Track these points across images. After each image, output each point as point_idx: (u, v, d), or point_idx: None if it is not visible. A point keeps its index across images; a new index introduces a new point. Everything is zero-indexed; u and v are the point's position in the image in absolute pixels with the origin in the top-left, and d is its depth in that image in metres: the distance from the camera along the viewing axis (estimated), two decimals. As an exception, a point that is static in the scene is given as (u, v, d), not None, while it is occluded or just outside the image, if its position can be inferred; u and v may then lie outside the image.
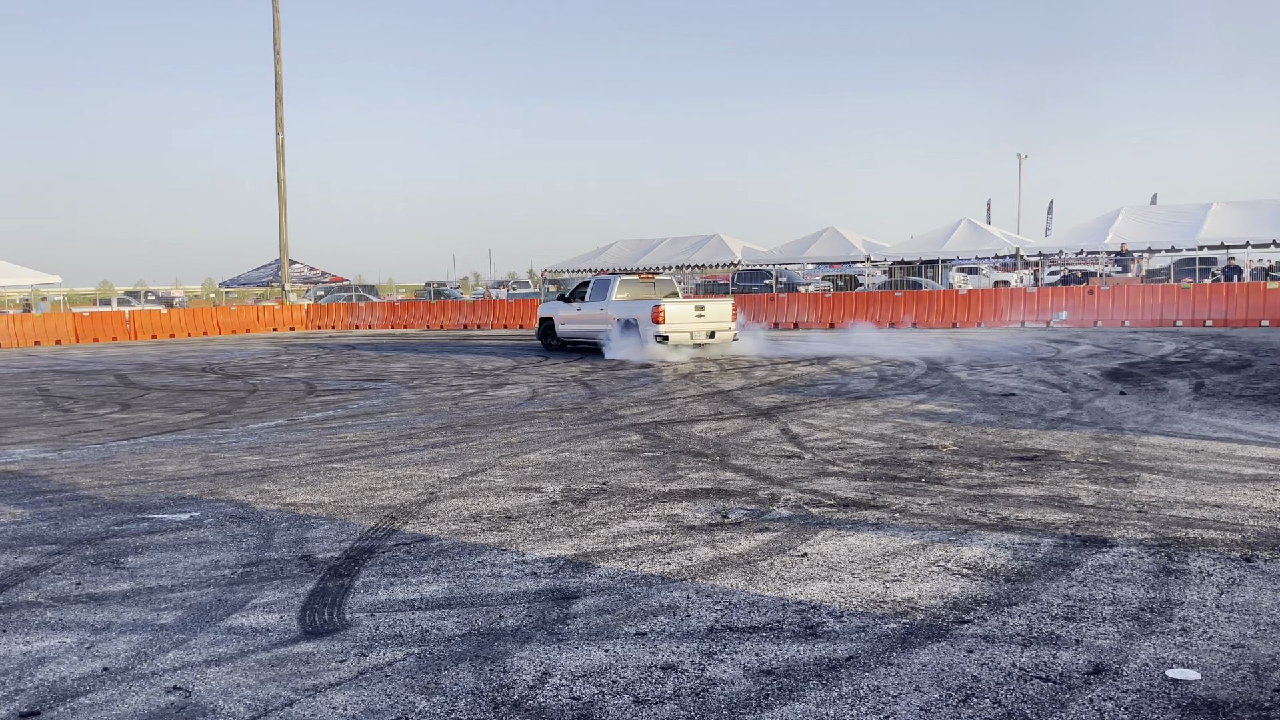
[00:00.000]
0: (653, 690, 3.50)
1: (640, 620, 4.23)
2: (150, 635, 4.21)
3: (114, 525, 6.26)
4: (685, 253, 44.62)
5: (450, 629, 4.19)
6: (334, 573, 5.06)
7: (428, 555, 5.36)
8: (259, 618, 4.40)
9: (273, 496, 7.04)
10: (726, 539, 5.56)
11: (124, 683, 3.70)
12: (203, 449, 9.40)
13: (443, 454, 8.74)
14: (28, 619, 4.46)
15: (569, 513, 6.30)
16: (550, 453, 8.64)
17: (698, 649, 3.89)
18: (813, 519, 6.00)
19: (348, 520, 6.23)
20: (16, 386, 16.96)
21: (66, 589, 4.91)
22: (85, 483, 7.79)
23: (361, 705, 3.44)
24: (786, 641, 3.94)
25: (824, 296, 31.36)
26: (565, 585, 4.76)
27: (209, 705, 3.47)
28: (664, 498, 6.68)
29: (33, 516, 6.60)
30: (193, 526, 6.18)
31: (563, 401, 12.64)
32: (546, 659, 3.82)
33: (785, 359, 18.19)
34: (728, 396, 12.56)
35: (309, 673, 3.75)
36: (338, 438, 9.93)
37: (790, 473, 7.45)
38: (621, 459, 8.23)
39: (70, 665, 3.89)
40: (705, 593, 4.60)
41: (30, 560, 5.46)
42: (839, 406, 11.30)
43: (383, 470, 7.99)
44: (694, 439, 9.20)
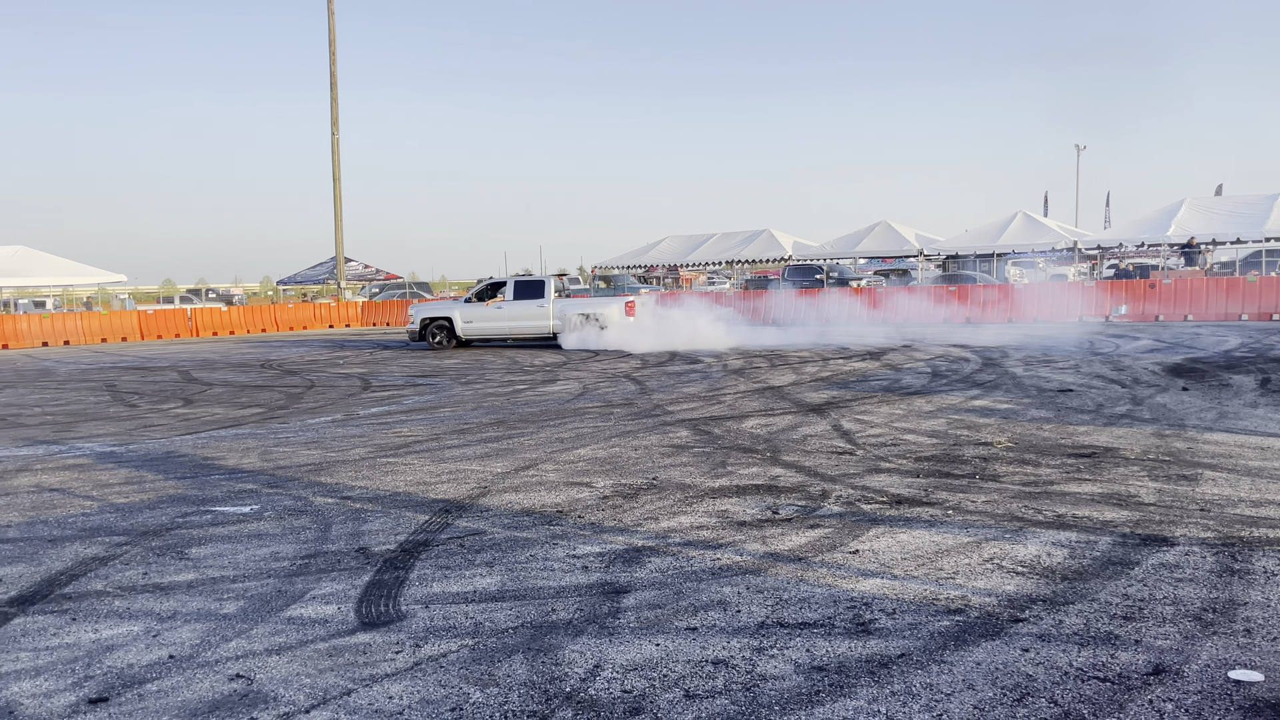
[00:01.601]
0: (703, 685, 3.52)
1: (691, 615, 4.25)
2: (213, 624, 4.33)
3: (178, 517, 6.44)
4: (735, 248, 44.48)
5: (503, 621, 4.25)
6: (390, 565, 5.15)
7: (481, 549, 5.43)
8: (317, 608, 4.50)
9: (330, 490, 7.18)
10: (777, 535, 5.55)
11: (189, 670, 3.81)
12: (262, 443, 9.61)
13: (495, 449, 8.83)
14: (97, 608, 4.61)
15: (619, 507, 6.33)
16: (600, 448, 8.68)
17: (748, 644, 3.89)
18: (864, 515, 5.96)
19: (402, 514, 6.33)
20: (85, 382, 17.48)
21: (134, 579, 5.06)
22: (151, 476, 8.01)
23: (417, 695, 3.50)
24: (838, 638, 3.93)
25: (876, 291, 31.07)
26: (616, 579, 4.79)
27: (270, 693, 3.56)
28: (714, 493, 6.69)
29: (101, 509, 6.80)
30: (253, 519, 6.32)
31: (613, 397, 12.69)
32: (598, 652, 3.85)
33: (837, 354, 18.06)
34: (778, 392, 12.51)
35: (366, 663, 3.83)
36: (392, 433, 10.09)
37: (842, 469, 7.41)
38: (671, 454, 8.24)
39: (138, 653, 4.02)
40: (756, 589, 4.60)
41: (99, 551, 5.64)
42: (891, 402, 11.20)
43: (436, 465, 8.10)
44: (744, 435, 9.19)
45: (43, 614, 4.54)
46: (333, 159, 41.15)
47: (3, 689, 3.67)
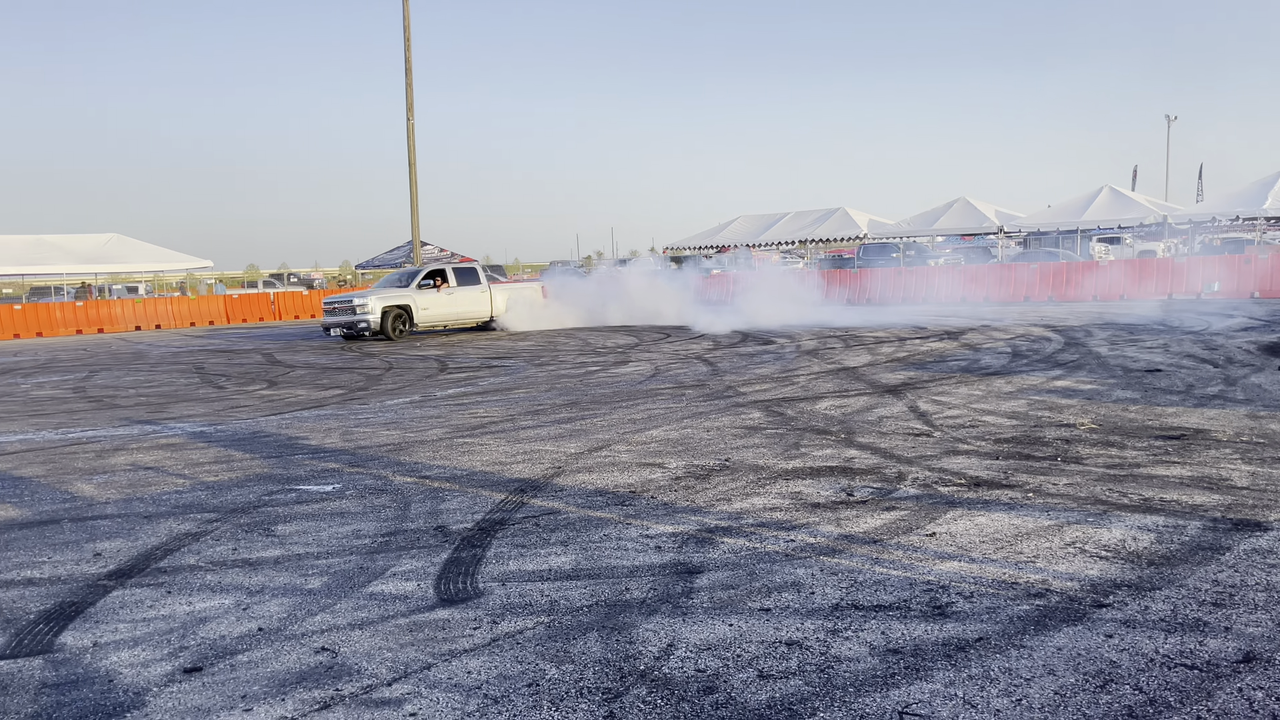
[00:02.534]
0: (777, 665, 3.51)
1: (764, 596, 4.25)
2: (299, 599, 4.47)
3: (265, 495, 6.65)
4: (808, 227, 43.95)
5: (578, 600, 4.30)
6: (467, 543, 5.25)
7: (555, 528, 5.50)
8: (398, 585, 4.61)
9: (409, 469, 7.34)
10: (852, 517, 5.50)
11: (277, 642, 3.95)
12: (343, 424, 9.86)
13: (568, 429, 8.92)
14: (190, 581, 4.80)
15: (692, 488, 6.35)
16: (673, 429, 8.70)
17: (822, 626, 3.88)
18: (941, 498, 5.87)
19: (479, 493, 6.44)
20: (176, 365, 18.13)
21: (224, 554, 5.25)
22: (238, 455, 8.29)
23: (494, 671, 3.57)
24: (914, 621, 3.89)
25: (954, 269, 30.43)
26: (689, 560, 4.81)
27: (354, 666, 3.67)
28: (787, 475, 6.65)
29: (192, 486, 7.07)
30: (336, 497, 6.50)
31: (684, 378, 12.69)
32: (671, 631, 3.88)
33: (913, 334, 17.77)
34: (853, 373, 12.36)
35: (445, 638, 3.91)
36: (468, 413, 10.25)
37: (918, 451, 7.30)
38: (744, 435, 8.22)
39: (228, 625, 4.17)
40: (830, 570, 4.57)
41: (191, 527, 5.86)
42: (970, 383, 10.98)
43: (511, 445, 8.21)
44: (818, 416, 9.11)
45: (139, 587, 4.74)
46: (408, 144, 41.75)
47: (103, 658, 3.85)
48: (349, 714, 3.27)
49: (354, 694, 3.43)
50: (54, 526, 6.00)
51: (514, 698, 3.34)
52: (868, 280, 30.80)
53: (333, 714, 3.27)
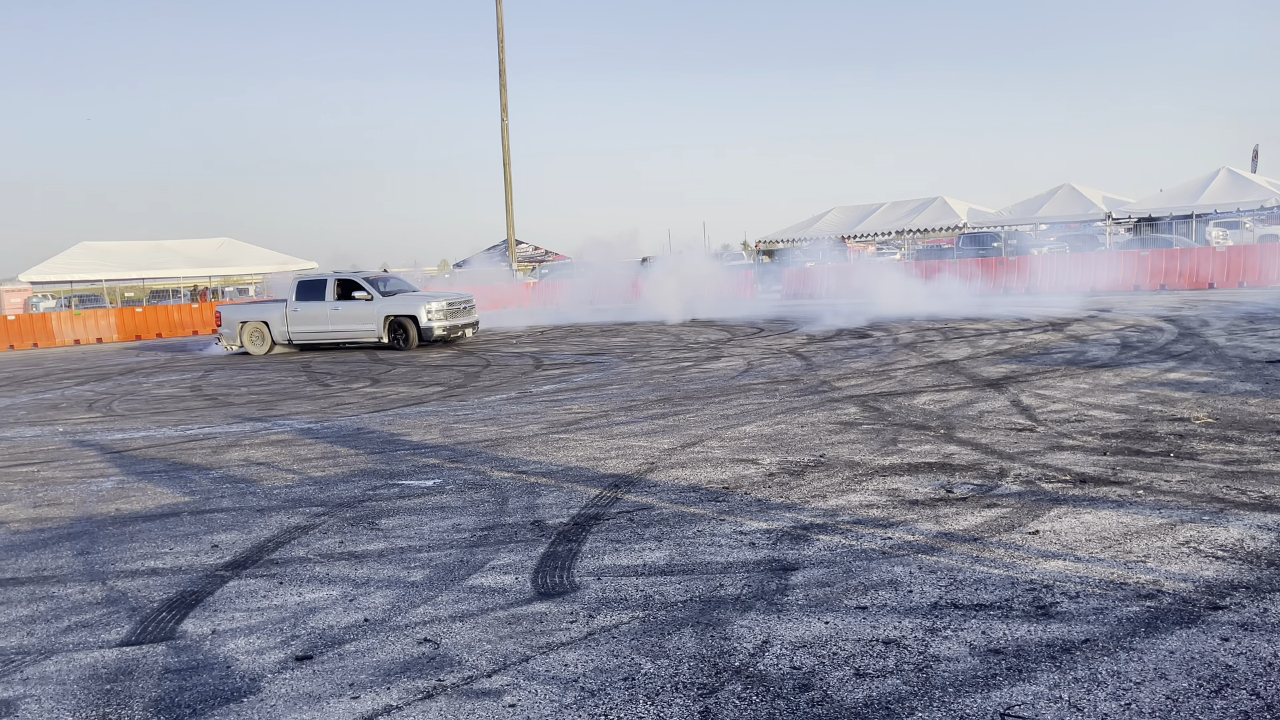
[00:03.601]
0: (874, 664, 3.48)
1: (860, 594, 4.20)
2: (402, 591, 4.61)
3: (369, 490, 6.87)
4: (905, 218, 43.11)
5: (672, 595, 4.33)
6: (563, 538, 5.33)
7: (649, 523, 5.54)
8: (496, 578, 4.71)
9: (506, 465, 7.48)
10: (951, 514, 5.39)
11: (382, 633, 4.08)
12: (443, 420, 10.10)
13: (661, 425, 8.95)
14: (300, 573, 4.99)
15: (786, 485, 6.31)
16: (766, 425, 8.65)
17: (921, 625, 3.82)
18: (1045, 495, 5.71)
19: (574, 488, 6.52)
20: (284, 364, 18.83)
21: (331, 547, 5.44)
22: (344, 451, 8.57)
23: (591, 664, 3.62)
24: (1016, 621, 3.80)
25: (1058, 258, 29.45)
26: (784, 556, 4.79)
27: (455, 657, 3.77)
28: (884, 471, 6.56)
29: (301, 481, 7.34)
30: (436, 492, 6.67)
31: (778, 374, 12.60)
32: (766, 628, 3.87)
33: (1016, 326, 17.26)
34: (953, 367, 12.09)
35: (542, 631, 3.99)
36: (563, 409, 10.39)
37: (1021, 446, 7.10)
38: (839, 431, 8.13)
39: (336, 615, 4.33)
40: (928, 568, 4.49)
41: (300, 520, 6.09)
42: (1076, 376, 10.62)
43: (605, 441, 8.29)
44: (916, 411, 8.94)
45: (253, 578, 4.95)
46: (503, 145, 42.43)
47: (221, 646, 4.04)
48: (451, 704, 3.36)
49: (455, 684, 3.52)
50: (174, 519, 6.31)
51: (610, 691, 3.39)
52: (969, 270, 30.03)
53: (435, 703, 3.37)
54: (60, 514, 6.65)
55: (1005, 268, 29.45)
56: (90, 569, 5.27)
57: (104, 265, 37.19)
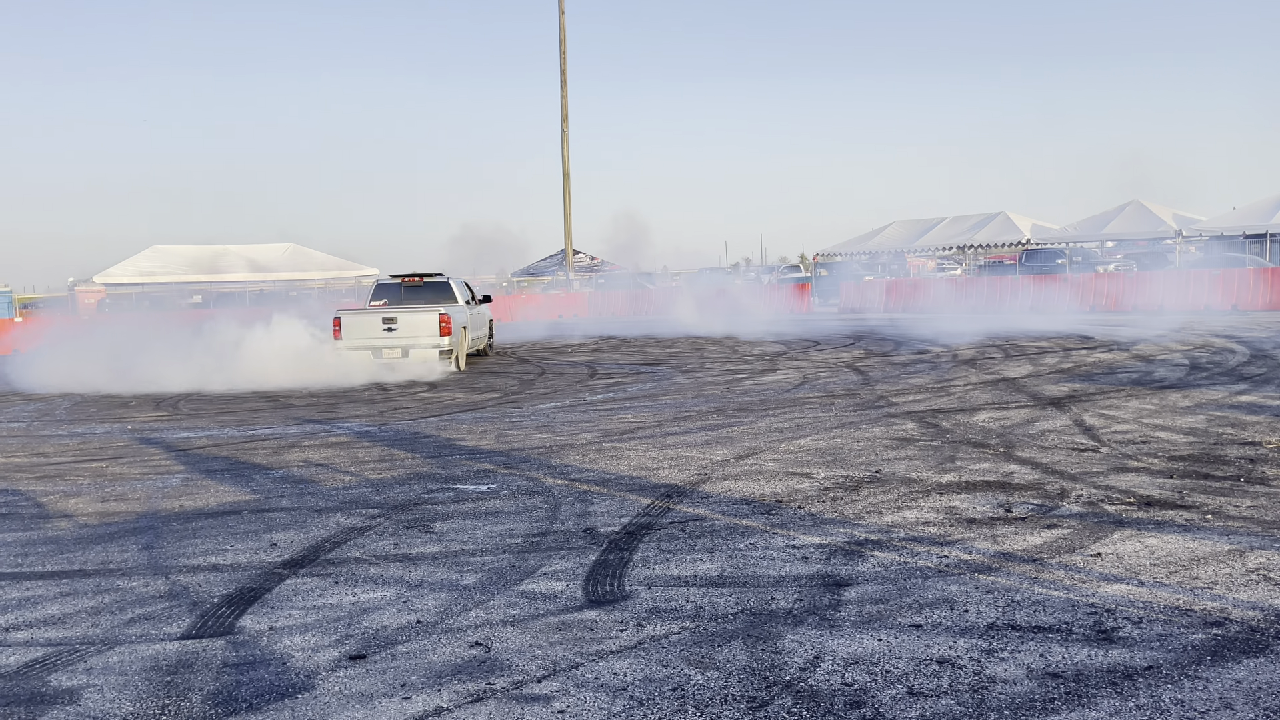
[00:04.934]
0: (928, 684, 3.42)
1: (915, 612, 4.14)
2: (455, 594, 4.65)
3: (424, 493, 6.95)
4: (967, 233, 42.54)
5: (723, 607, 4.30)
6: (614, 546, 5.34)
7: (701, 534, 5.52)
8: (548, 584, 4.73)
9: (559, 472, 7.51)
10: (1009, 534, 5.29)
11: (434, 635, 4.12)
12: (498, 426, 10.19)
13: (714, 436, 8.93)
14: (355, 573, 5.07)
15: (840, 500, 6.24)
16: (821, 439, 8.58)
17: (976, 645, 3.74)
18: (1108, 517, 5.57)
19: (626, 497, 6.53)
20: (344, 368, 19.14)
21: (386, 549, 5.52)
22: (400, 454, 8.69)
23: (640, 673, 3.62)
24: (1075, 645, 3.71)
25: (1124, 276, 28.80)
26: (837, 572, 4.73)
27: (505, 661, 3.79)
28: (941, 488, 6.46)
29: (358, 483, 7.45)
30: (490, 497, 6.72)
31: (834, 387, 12.49)
32: (818, 643, 3.83)
33: (1080, 344, 16.91)
34: (1013, 384, 11.88)
35: (592, 639, 3.99)
36: (617, 418, 10.41)
37: (1083, 467, 6.94)
38: (896, 447, 8.02)
39: (390, 616, 4.38)
40: (985, 588, 4.41)
41: (356, 521, 6.18)
42: (1141, 397, 10.37)
43: (658, 450, 8.29)
44: (975, 428, 8.80)
45: (310, 576, 5.04)
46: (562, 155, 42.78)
47: (277, 642, 4.11)
48: (500, 708, 3.38)
49: (505, 689, 3.54)
50: (235, 517, 6.45)
51: (659, 701, 3.38)
52: (1030, 287, 29.51)
53: (485, 707, 3.39)
54: (127, 509, 6.84)
55: (1069, 285, 28.88)
56: (154, 563, 5.41)
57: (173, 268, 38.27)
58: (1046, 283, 29.47)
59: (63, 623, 4.45)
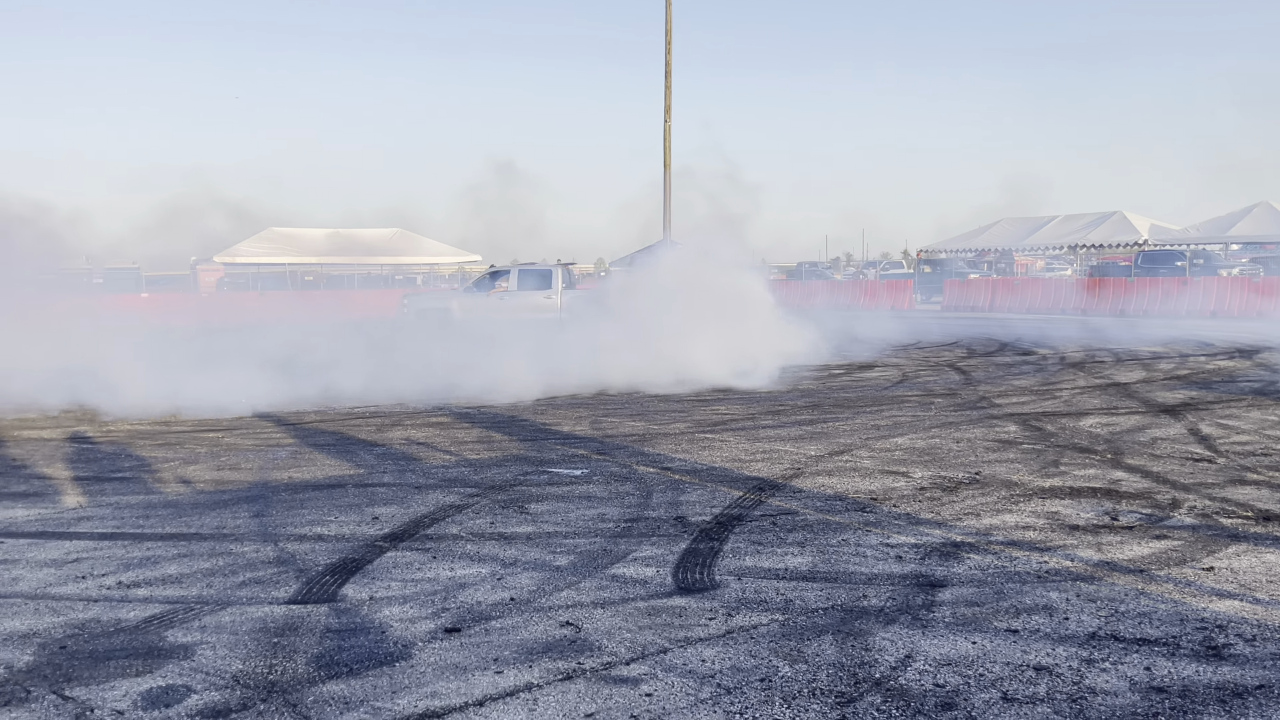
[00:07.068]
0: (1023, 690, 3.34)
1: (1012, 617, 4.04)
2: (548, 574, 4.73)
3: (520, 475, 7.08)
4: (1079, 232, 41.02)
5: (813, 601, 4.28)
6: (705, 535, 5.35)
7: (793, 528, 5.49)
8: (638, 569, 4.78)
9: (652, 460, 7.56)
10: (1115, 543, 5.11)
11: (526, 613, 4.21)
12: (592, 413, 10.30)
13: (809, 432, 8.85)
14: (452, 549, 5.20)
15: (937, 500, 6.13)
16: (919, 438, 8.42)
17: (1076, 654, 3.64)
18: (1222, 530, 5.33)
19: (718, 488, 6.53)
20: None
21: (482, 527, 5.65)
22: (498, 436, 8.87)
23: (728, 662, 3.63)
24: (1183, 659, 3.57)
25: (1249, 281, 27.38)
26: (931, 572, 4.65)
27: (595, 643, 3.85)
28: (1044, 493, 6.27)
29: (457, 462, 7.64)
30: (583, 482, 6.81)
31: (934, 386, 12.23)
32: (910, 643, 3.78)
33: (1198, 350, 16.17)
34: (1124, 390, 11.44)
35: (681, 625, 4.02)
36: (709, 410, 10.41)
37: (1197, 478, 6.65)
38: (997, 449, 7.82)
39: (484, 592, 4.49)
40: (1087, 597, 4.27)
41: (455, 499, 6.34)
42: (1264, 407, 9.86)
43: (751, 443, 8.26)
44: (1081, 433, 8.51)
45: (409, 550, 5.19)
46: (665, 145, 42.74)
47: (377, 612, 4.25)
48: (589, 687, 3.44)
49: (594, 669, 3.59)
50: (340, 490, 6.69)
51: (746, 690, 3.39)
52: (1146, 291, 28.33)
53: (574, 685, 3.45)
54: (240, 478, 7.16)
55: (1189, 288, 27.61)
56: (264, 530, 5.65)
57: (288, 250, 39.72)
58: (1163, 285, 28.23)
59: (179, 582, 4.70)
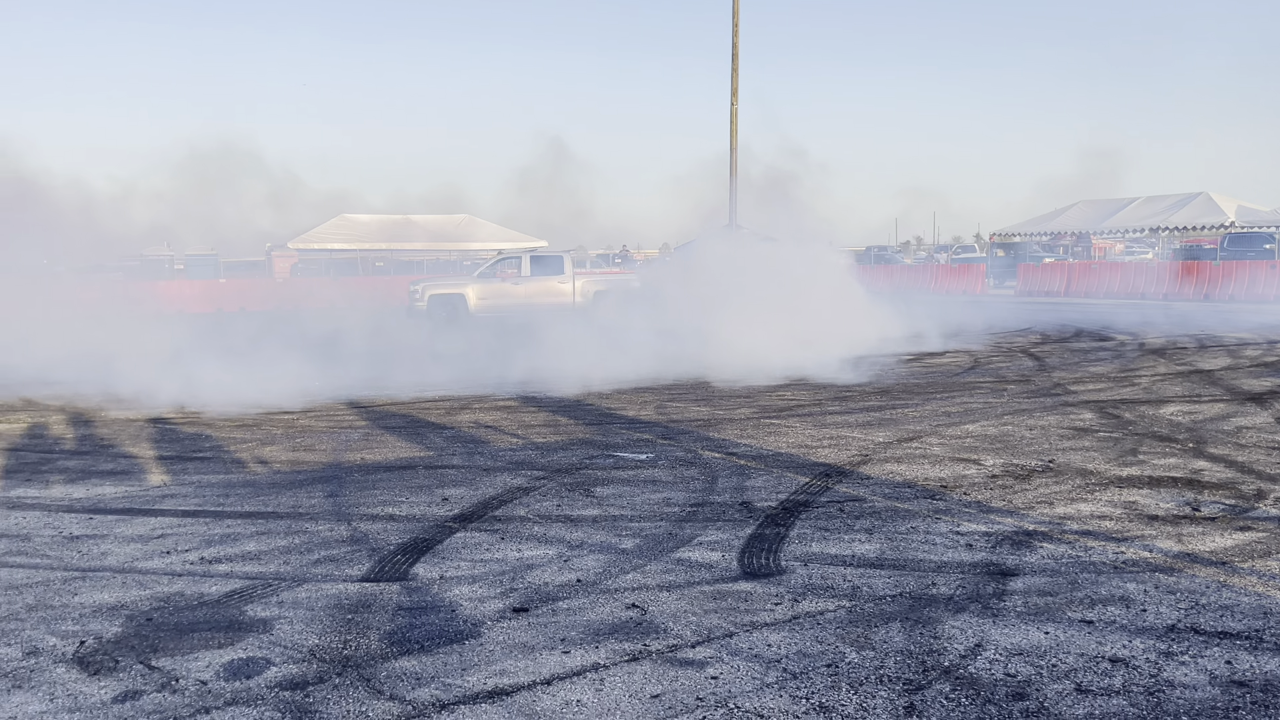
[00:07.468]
0: (1098, 681, 3.27)
1: (1086, 607, 3.95)
2: (613, 557, 4.77)
3: (585, 459, 7.13)
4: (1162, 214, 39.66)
5: (881, 588, 4.24)
6: (770, 521, 5.33)
7: (860, 515, 5.44)
8: (703, 554, 4.78)
9: (717, 445, 7.55)
10: (1196, 534, 4.96)
11: (592, 594, 4.24)
12: (658, 398, 10.31)
13: (877, 418, 8.74)
14: (520, 531, 5.27)
15: (1009, 488, 6.01)
16: (991, 425, 8.26)
17: (1154, 646, 3.55)
18: (1311, 522, 5.13)
19: (784, 474, 6.50)
20: (512, 336, 19.77)
21: (549, 509, 5.71)
22: (564, 420, 8.94)
23: (794, 647, 3.62)
24: (1266, 654, 3.46)
25: (1344, 264, 26.21)
26: (1003, 561, 4.57)
27: (660, 625, 3.87)
28: (1121, 482, 6.11)
29: (524, 445, 7.72)
30: (649, 466, 6.83)
31: (1007, 373, 11.98)
32: (980, 631, 3.72)
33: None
34: (1207, 377, 11.06)
35: (746, 609, 4.02)
36: (775, 395, 10.34)
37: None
38: (1072, 437, 7.64)
39: (551, 573, 4.54)
40: (1166, 589, 4.16)
41: (522, 482, 6.42)
42: (1357, 395, 9.45)
43: (817, 429, 8.20)
44: (1161, 421, 8.26)
45: (478, 531, 5.27)
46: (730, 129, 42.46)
47: (447, 590, 4.33)
48: (655, 669, 3.46)
49: (660, 651, 3.61)
50: (411, 471, 6.81)
51: (812, 675, 3.37)
52: (1231, 275, 27.33)
53: (640, 667, 3.48)
54: (314, 459, 7.34)
55: (1278, 272, 26.55)
56: (338, 510, 5.79)
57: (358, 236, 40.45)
58: (1251, 269, 27.19)
59: (258, 559, 4.84)
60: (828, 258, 18.13)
